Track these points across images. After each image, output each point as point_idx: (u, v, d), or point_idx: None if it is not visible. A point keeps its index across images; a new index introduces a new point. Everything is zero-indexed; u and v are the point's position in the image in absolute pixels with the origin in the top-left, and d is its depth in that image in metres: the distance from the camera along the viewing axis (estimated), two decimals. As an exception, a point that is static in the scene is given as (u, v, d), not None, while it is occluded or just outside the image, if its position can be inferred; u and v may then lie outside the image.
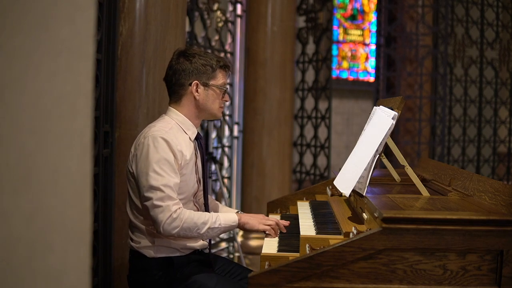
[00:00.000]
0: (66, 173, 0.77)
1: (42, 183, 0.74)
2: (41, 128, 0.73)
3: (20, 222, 0.71)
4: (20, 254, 0.71)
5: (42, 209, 0.74)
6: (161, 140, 2.07)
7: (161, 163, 2.05)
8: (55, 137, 0.75)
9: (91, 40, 0.79)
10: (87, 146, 0.80)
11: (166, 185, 2.04)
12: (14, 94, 0.70)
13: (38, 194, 0.73)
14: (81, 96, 0.79)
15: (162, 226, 2.03)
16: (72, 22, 0.76)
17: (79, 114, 0.78)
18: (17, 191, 0.71)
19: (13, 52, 0.70)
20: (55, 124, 0.75)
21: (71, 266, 0.78)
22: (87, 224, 0.80)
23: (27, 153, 0.72)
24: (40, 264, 0.73)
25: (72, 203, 0.78)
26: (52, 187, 0.75)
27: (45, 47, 0.73)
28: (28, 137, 0.72)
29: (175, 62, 2.21)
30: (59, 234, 0.76)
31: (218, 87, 2.22)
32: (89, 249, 0.81)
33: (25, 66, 0.71)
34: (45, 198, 0.74)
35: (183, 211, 2.06)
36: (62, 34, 0.75)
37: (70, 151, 0.77)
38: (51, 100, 0.74)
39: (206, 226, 2.08)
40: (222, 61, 2.25)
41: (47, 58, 0.73)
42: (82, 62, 0.78)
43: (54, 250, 0.75)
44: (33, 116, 0.72)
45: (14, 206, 0.70)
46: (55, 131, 0.75)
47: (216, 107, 2.23)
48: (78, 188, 0.79)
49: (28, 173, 0.72)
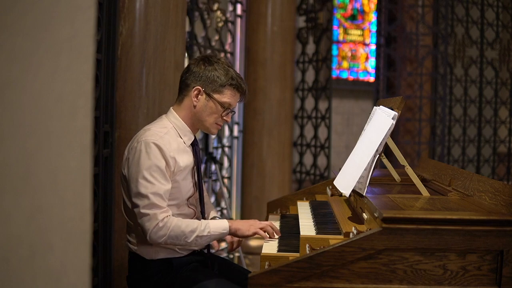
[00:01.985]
0: (66, 173, 0.77)
1: (42, 183, 0.74)
2: (41, 128, 0.73)
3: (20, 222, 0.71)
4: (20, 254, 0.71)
5: (42, 208, 0.74)
6: (153, 146, 2.03)
7: (152, 170, 2.02)
8: (55, 137, 0.75)
9: (91, 40, 0.79)
10: (87, 146, 0.80)
11: (155, 193, 2.01)
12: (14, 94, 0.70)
13: (38, 194, 0.73)
14: (81, 96, 0.79)
15: (149, 235, 2.01)
16: (72, 22, 0.76)
17: (79, 114, 0.78)
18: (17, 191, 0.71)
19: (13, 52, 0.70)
20: (55, 124, 0.75)
21: (71, 266, 0.78)
22: (87, 224, 0.80)
23: (27, 153, 0.72)
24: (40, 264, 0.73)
25: (72, 203, 0.78)
26: (52, 187, 0.75)
27: (45, 47, 0.73)
28: (28, 137, 0.72)
29: (193, 62, 2.18)
30: (59, 234, 0.76)
31: (220, 103, 2.13)
32: (89, 249, 0.81)
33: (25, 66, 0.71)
34: (45, 198, 0.74)
35: (171, 219, 2.03)
36: (62, 34, 0.75)
37: (70, 151, 0.77)
38: (51, 100, 0.74)
39: (194, 234, 2.04)
40: (236, 80, 2.15)
41: (47, 58, 0.73)
42: (82, 62, 0.78)
43: (54, 250, 0.75)
44: (33, 116, 0.72)
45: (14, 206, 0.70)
46: (55, 131, 0.75)
47: (210, 121, 2.15)
48: (78, 188, 0.79)
49: (28, 173, 0.72)
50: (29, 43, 0.71)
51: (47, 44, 0.73)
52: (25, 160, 0.71)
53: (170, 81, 2.85)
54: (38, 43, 0.72)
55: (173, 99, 2.88)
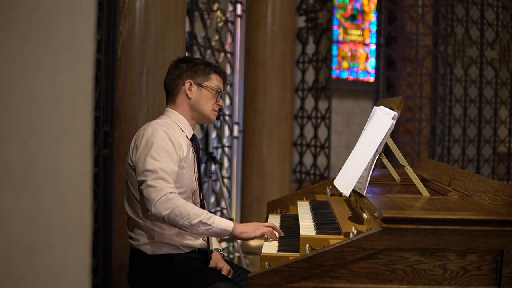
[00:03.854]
0: (66, 173, 0.77)
1: (42, 182, 0.74)
2: (41, 128, 0.73)
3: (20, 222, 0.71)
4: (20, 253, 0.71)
5: (42, 208, 0.74)
6: (161, 131, 2.13)
7: (159, 150, 2.08)
8: (55, 137, 0.75)
9: (91, 40, 0.79)
10: (87, 146, 0.80)
11: (162, 169, 2.05)
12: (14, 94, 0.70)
13: (38, 194, 0.73)
14: (81, 96, 0.79)
15: (154, 205, 2.00)
16: (72, 22, 0.76)
17: (79, 114, 0.78)
18: (17, 191, 0.71)
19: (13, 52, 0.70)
20: (55, 124, 0.75)
21: (71, 266, 0.78)
22: (87, 224, 0.80)
23: (27, 152, 0.72)
24: (40, 264, 0.73)
25: (72, 203, 0.78)
26: (52, 187, 0.75)
27: (45, 47, 0.73)
28: (28, 137, 0.72)
29: (173, 66, 2.31)
30: (59, 234, 0.76)
31: (211, 88, 2.26)
32: (89, 249, 0.81)
33: (25, 66, 0.71)
34: (45, 198, 0.74)
35: (178, 197, 2.05)
36: (62, 34, 0.75)
37: (70, 151, 0.77)
38: (51, 100, 0.74)
39: (199, 218, 2.02)
40: (217, 67, 2.33)
41: (47, 58, 0.73)
42: (82, 62, 0.78)
43: (54, 249, 0.75)
44: (33, 116, 0.72)
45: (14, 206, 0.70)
46: (55, 131, 0.75)
47: (209, 108, 2.27)
48: (78, 188, 0.79)
49: (28, 172, 0.72)
50: (29, 43, 0.71)
51: (47, 44, 0.73)
52: (25, 160, 0.71)
53: (170, 81, 2.85)
54: (38, 43, 0.72)
55: (173, 99, 2.90)
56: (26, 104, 0.71)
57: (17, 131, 0.71)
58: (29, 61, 0.72)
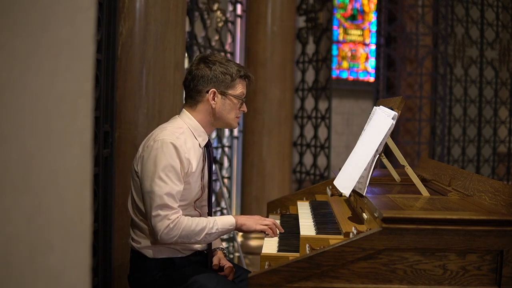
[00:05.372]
0: (66, 173, 0.77)
1: (42, 183, 0.74)
2: (41, 128, 0.73)
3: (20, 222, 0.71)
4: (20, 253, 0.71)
5: (42, 208, 0.74)
6: (170, 145, 2.07)
7: (167, 170, 2.05)
8: (55, 137, 0.75)
9: (91, 40, 0.79)
10: (87, 146, 0.80)
11: (168, 193, 2.05)
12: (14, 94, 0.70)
13: (38, 194, 0.73)
14: (81, 96, 0.79)
15: (160, 235, 2.05)
16: (72, 22, 0.76)
17: (79, 114, 0.78)
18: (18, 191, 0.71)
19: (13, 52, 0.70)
20: (55, 124, 0.75)
21: (71, 265, 0.78)
22: (87, 224, 0.80)
23: (28, 153, 0.72)
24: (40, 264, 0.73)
25: (72, 203, 0.78)
26: (52, 187, 0.75)
27: (45, 47, 0.73)
28: (28, 137, 0.72)
29: (195, 68, 2.20)
30: (59, 234, 0.76)
31: (235, 97, 2.20)
32: (89, 249, 0.81)
33: (25, 66, 0.71)
34: (45, 198, 0.74)
35: (181, 219, 2.07)
36: (62, 34, 0.75)
37: (70, 151, 0.77)
38: (51, 100, 0.74)
39: (204, 232, 2.10)
40: (243, 71, 2.22)
41: (47, 58, 0.73)
42: (82, 62, 0.78)
43: (54, 249, 0.75)
44: (33, 116, 0.72)
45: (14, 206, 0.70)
46: (55, 131, 0.75)
47: (232, 117, 2.22)
48: (78, 188, 0.79)
49: (28, 172, 0.72)
50: (29, 43, 0.71)
51: (47, 44, 0.73)
52: (25, 160, 0.71)
53: (170, 81, 2.85)
54: (38, 43, 0.72)
55: (173, 99, 2.89)
56: (26, 104, 0.71)
57: (17, 131, 0.71)
58: (29, 61, 0.72)
